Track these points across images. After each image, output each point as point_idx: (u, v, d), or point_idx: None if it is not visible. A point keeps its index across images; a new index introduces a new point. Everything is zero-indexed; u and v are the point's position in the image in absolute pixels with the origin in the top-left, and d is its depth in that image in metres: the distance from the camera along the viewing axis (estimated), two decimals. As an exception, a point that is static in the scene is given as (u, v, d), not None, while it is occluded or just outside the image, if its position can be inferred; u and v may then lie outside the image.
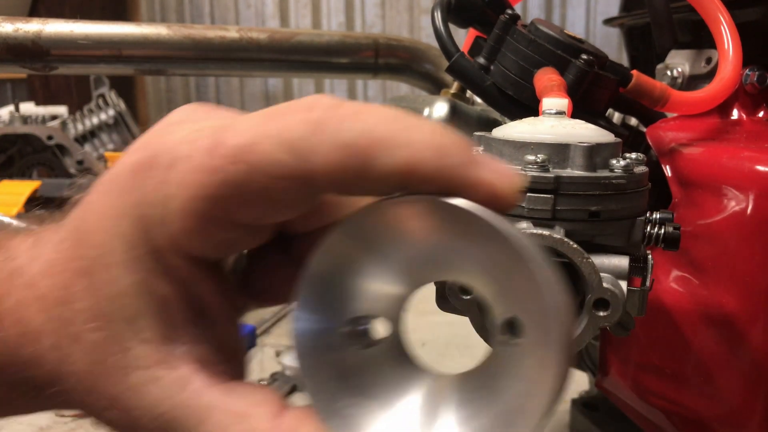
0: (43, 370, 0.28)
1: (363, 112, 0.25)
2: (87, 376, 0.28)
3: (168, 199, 0.26)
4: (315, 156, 0.24)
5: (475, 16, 0.59)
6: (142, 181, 0.27)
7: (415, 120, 0.25)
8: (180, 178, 0.26)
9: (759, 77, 0.57)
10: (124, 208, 0.27)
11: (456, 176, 0.25)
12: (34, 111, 3.08)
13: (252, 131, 0.25)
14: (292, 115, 0.25)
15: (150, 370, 0.27)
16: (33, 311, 0.28)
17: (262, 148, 0.25)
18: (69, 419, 1.05)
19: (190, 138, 0.27)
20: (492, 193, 0.25)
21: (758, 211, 0.48)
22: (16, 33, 0.76)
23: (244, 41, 0.86)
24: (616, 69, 0.53)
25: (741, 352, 0.49)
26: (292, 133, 0.25)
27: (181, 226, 0.26)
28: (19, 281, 0.29)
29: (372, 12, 3.68)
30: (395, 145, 0.24)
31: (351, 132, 0.24)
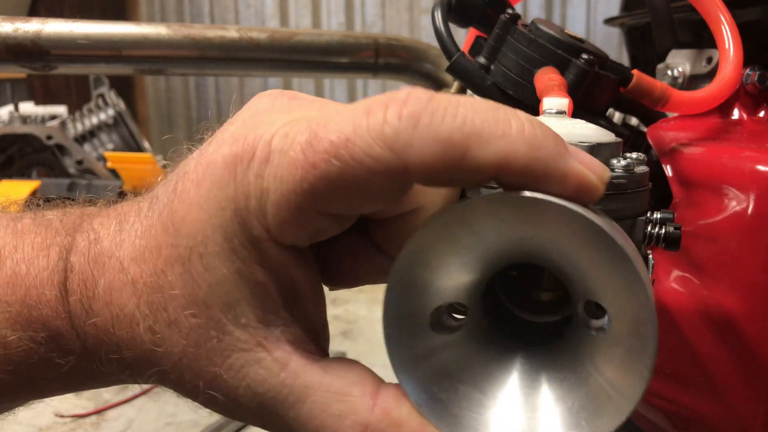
0: (138, 351, 0.29)
1: (457, 104, 0.25)
2: (184, 358, 0.29)
3: (265, 193, 0.27)
4: (411, 150, 0.25)
5: (475, 16, 0.58)
6: (238, 175, 0.28)
7: (508, 111, 0.26)
8: (277, 172, 0.27)
9: (760, 77, 0.57)
10: (220, 200, 0.28)
11: (548, 168, 0.25)
12: (34, 111, 3.08)
13: (348, 126, 0.26)
14: (387, 109, 0.26)
15: (250, 353, 0.29)
16: (126, 296, 0.29)
17: (358, 143, 0.25)
18: (69, 419, 1.05)
19: (285, 131, 0.27)
20: (581, 184, 0.26)
21: (759, 211, 0.48)
22: (16, 33, 0.76)
23: (243, 41, 0.86)
24: (616, 69, 0.53)
25: (742, 352, 0.49)
26: (388, 128, 0.25)
27: (277, 219, 0.27)
28: (108, 265, 0.30)
29: (372, 11, 3.68)
30: (489, 138, 0.25)
31: (446, 126, 0.25)
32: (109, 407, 1.09)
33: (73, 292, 0.29)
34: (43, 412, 1.07)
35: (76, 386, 0.33)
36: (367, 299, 1.79)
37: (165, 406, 1.09)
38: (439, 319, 0.29)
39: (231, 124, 0.30)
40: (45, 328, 0.30)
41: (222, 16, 4.01)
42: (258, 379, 0.29)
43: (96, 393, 1.13)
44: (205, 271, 0.28)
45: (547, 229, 0.26)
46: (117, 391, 1.15)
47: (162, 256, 0.29)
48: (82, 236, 0.31)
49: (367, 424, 0.28)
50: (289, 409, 0.29)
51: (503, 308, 0.33)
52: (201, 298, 0.28)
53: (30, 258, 0.30)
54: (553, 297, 0.33)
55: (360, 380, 0.29)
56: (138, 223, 0.30)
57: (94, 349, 0.30)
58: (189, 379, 0.29)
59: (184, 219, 0.28)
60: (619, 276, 0.25)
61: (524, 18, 0.55)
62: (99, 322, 0.29)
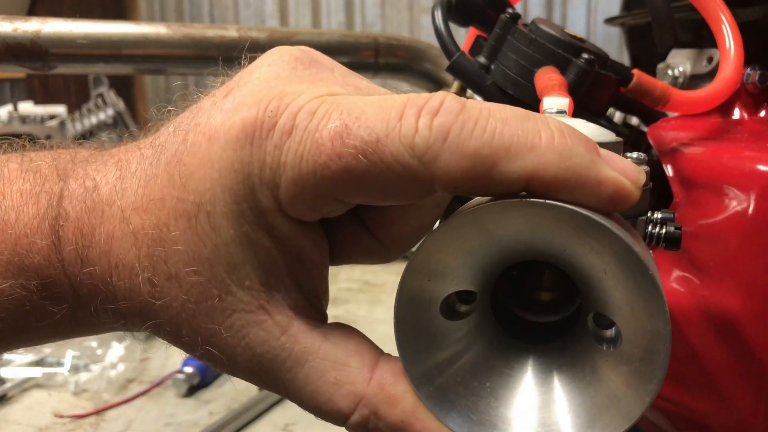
0: (135, 302, 0.29)
1: (488, 116, 0.25)
2: (183, 313, 0.29)
3: (282, 166, 0.27)
4: (438, 162, 0.25)
5: (475, 15, 0.58)
6: (255, 140, 0.27)
7: (539, 121, 0.26)
8: (298, 149, 0.27)
9: (760, 77, 0.57)
10: (234, 162, 0.28)
11: (580, 177, 0.25)
12: (33, 110, 3.07)
13: (381, 127, 0.26)
14: (420, 117, 0.26)
15: (252, 314, 0.29)
16: (126, 246, 0.29)
17: (389, 147, 0.26)
18: (68, 420, 1.05)
19: (312, 108, 0.27)
20: (617, 192, 0.25)
21: (759, 210, 0.48)
22: (15, 32, 0.75)
23: (243, 41, 0.86)
24: (617, 68, 0.53)
25: (743, 352, 0.49)
26: (419, 138, 0.25)
27: (290, 194, 0.27)
28: (107, 214, 0.29)
29: (372, 11, 3.68)
30: (518, 152, 0.25)
31: (475, 141, 0.25)
32: (109, 407, 1.09)
33: (68, 241, 0.29)
34: (42, 412, 1.07)
35: (67, 333, 0.32)
36: (366, 299, 1.79)
37: (165, 407, 1.09)
38: (449, 306, 0.29)
39: (247, 82, 0.29)
40: (37, 276, 0.29)
41: (221, 16, 4.01)
42: (258, 340, 0.29)
43: (95, 393, 1.13)
44: (212, 231, 0.28)
45: (567, 238, 0.25)
46: (117, 391, 1.14)
47: (166, 208, 0.28)
48: (76, 182, 0.30)
49: (363, 395, 0.29)
50: (287, 371, 0.29)
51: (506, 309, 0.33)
52: (205, 257, 0.28)
53: (19, 205, 0.29)
54: (553, 297, 0.32)
55: (359, 350, 0.30)
56: (141, 171, 0.29)
57: (88, 298, 0.30)
58: (186, 334, 0.29)
59: (193, 174, 0.28)
60: (641, 300, 0.25)
61: (524, 18, 0.55)
62: (95, 272, 0.29)
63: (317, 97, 0.28)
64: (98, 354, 1.21)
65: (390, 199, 0.28)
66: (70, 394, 1.14)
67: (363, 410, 0.29)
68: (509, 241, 0.27)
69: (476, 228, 0.26)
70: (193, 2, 4.07)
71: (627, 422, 0.26)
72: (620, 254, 0.24)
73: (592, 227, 0.24)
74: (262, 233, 0.28)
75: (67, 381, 1.15)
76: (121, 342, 1.26)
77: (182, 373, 1.14)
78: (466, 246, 0.27)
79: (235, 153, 0.27)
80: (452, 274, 0.28)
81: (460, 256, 0.27)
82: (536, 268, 0.32)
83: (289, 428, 1.04)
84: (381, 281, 1.76)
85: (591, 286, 0.27)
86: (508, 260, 0.28)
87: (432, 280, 0.28)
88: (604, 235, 0.24)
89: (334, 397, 0.29)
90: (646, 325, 0.25)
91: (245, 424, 1.05)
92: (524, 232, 0.26)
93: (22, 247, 0.29)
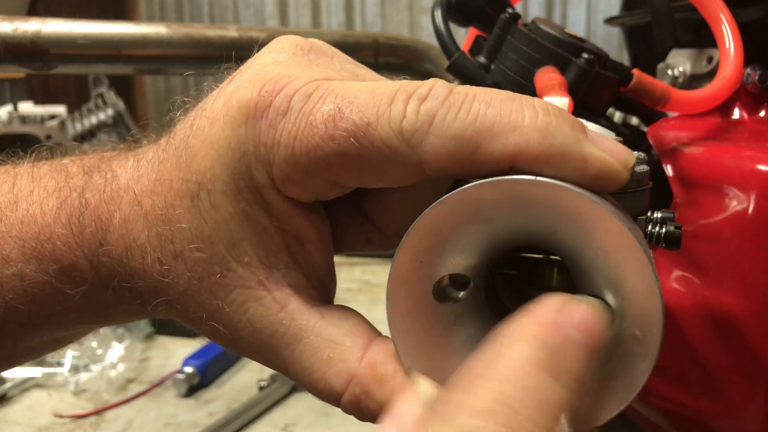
0: (148, 282, 0.31)
1: (472, 99, 0.26)
2: (189, 290, 0.30)
3: (276, 145, 0.28)
4: (424, 146, 0.26)
5: (475, 15, 0.58)
6: (250, 120, 0.28)
7: (524, 101, 0.26)
8: (292, 130, 0.28)
9: (760, 76, 0.57)
10: (231, 141, 0.29)
11: (564, 154, 0.25)
12: (33, 110, 3.07)
13: (372, 111, 0.27)
14: (409, 102, 0.27)
15: (251, 290, 0.30)
16: (139, 227, 0.30)
17: (379, 131, 0.26)
18: (68, 420, 1.05)
19: (307, 91, 0.28)
20: (602, 170, 0.26)
21: (760, 210, 0.48)
22: (15, 32, 0.75)
23: (243, 40, 0.86)
24: (617, 68, 0.53)
25: (742, 352, 0.49)
26: (407, 122, 0.26)
27: (283, 173, 0.28)
28: (125, 199, 0.31)
29: (372, 11, 3.68)
30: (500, 131, 0.25)
31: (458, 123, 0.26)
32: (109, 408, 1.09)
33: (88, 227, 0.31)
34: (42, 412, 1.07)
35: (92, 318, 0.34)
36: (366, 299, 1.79)
37: (164, 407, 1.09)
38: (442, 290, 0.29)
39: (248, 68, 0.31)
40: (56, 261, 0.31)
41: (221, 16, 4.01)
42: (257, 316, 0.30)
43: (95, 393, 1.13)
44: (212, 208, 0.29)
45: (557, 217, 0.25)
46: (116, 391, 1.15)
47: (173, 189, 0.30)
48: (100, 175, 0.32)
49: (354, 374, 0.29)
50: (285, 348, 0.30)
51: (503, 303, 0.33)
52: (207, 234, 0.29)
53: (43, 200, 0.32)
54: None
55: (354, 330, 0.30)
56: (155, 158, 0.31)
57: (108, 277, 0.31)
58: (193, 310, 0.31)
59: (196, 155, 0.29)
60: (633, 279, 0.25)
61: (524, 17, 0.55)
62: (113, 253, 0.31)
63: (313, 80, 0.28)
64: (98, 354, 1.21)
65: (381, 182, 0.28)
66: (70, 394, 1.13)
67: (354, 389, 0.29)
68: (501, 222, 0.27)
69: (466, 207, 0.26)
70: (193, 2, 4.07)
71: (621, 403, 0.26)
72: (610, 232, 0.24)
73: (582, 205, 0.24)
74: (260, 210, 0.29)
75: (67, 381, 1.15)
76: (121, 342, 1.26)
77: (182, 373, 1.14)
78: (457, 227, 0.27)
79: (232, 132, 0.29)
80: (444, 256, 0.28)
81: (452, 238, 0.27)
82: (535, 268, 0.32)
83: (289, 428, 1.04)
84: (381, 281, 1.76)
85: (583, 268, 0.27)
86: (501, 244, 0.28)
87: (424, 261, 0.28)
88: (593, 212, 0.24)
89: (327, 375, 0.29)
90: (639, 303, 0.25)
91: (245, 424, 1.05)
92: (515, 213, 0.26)
93: (43, 235, 0.31)
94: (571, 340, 0.23)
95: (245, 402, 1.07)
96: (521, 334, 0.23)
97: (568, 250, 0.27)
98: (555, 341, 0.22)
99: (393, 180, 0.28)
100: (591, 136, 0.26)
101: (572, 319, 0.23)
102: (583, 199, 0.24)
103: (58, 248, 0.31)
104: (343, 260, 1.85)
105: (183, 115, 0.32)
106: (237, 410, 1.04)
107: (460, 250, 0.28)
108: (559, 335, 0.22)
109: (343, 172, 0.28)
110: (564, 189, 0.24)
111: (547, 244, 0.27)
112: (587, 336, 0.23)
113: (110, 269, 0.31)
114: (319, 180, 0.28)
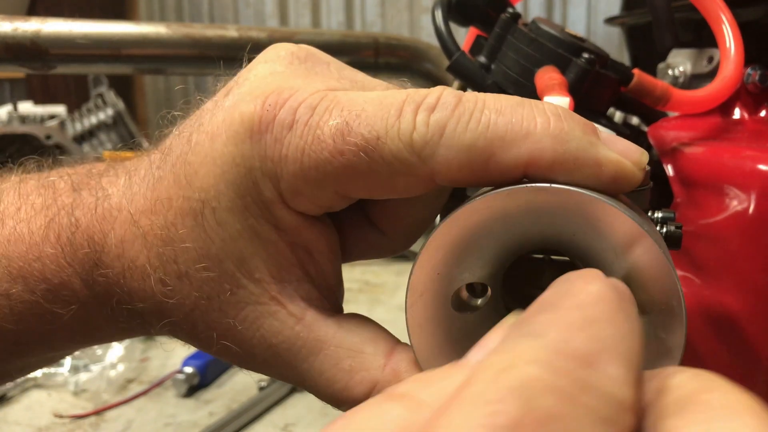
0: (149, 303, 0.30)
1: (482, 108, 0.26)
2: (196, 310, 0.29)
3: (283, 159, 0.27)
4: (436, 157, 0.26)
5: (475, 15, 0.58)
6: (254, 134, 0.28)
7: (534, 107, 0.26)
8: (299, 144, 0.27)
9: (761, 76, 0.57)
10: (235, 156, 0.28)
11: (578, 159, 0.25)
12: (33, 110, 3.07)
13: (380, 125, 0.26)
14: (417, 114, 0.26)
15: (264, 306, 0.29)
16: (137, 248, 0.29)
17: (389, 145, 0.26)
18: (68, 420, 1.05)
19: (312, 103, 0.27)
20: (618, 172, 0.25)
21: (760, 210, 0.48)
22: (15, 32, 0.75)
23: (243, 40, 0.86)
24: (617, 68, 0.53)
25: (743, 352, 0.49)
26: (417, 135, 0.26)
27: (292, 187, 0.28)
28: (118, 219, 0.30)
29: (372, 11, 3.68)
30: (513, 140, 0.25)
31: (470, 133, 0.25)
32: (108, 408, 1.09)
33: (80, 246, 0.30)
34: (42, 412, 1.06)
35: (83, 338, 0.33)
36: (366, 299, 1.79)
37: (164, 407, 1.09)
38: (460, 299, 0.29)
39: (246, 79, 0.30)
40: (44, 281, 0.30)
41: (221, 16, 4.01)
42: (272, 331, 0.29)
43: (95, 393, 1.13)
44: (218, 226, 0.28)
45: (575, 222, 0.25)
46: (116, 391, 1.14)
47: (173, 208, 0.29)
48: (89, 192, 0.31)
49: (377, 381, 0.29)
50: (303, 361, 0.29)
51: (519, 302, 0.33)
52: (214, 253, 0.28)
53: (30, 218, 0.31)
54: None
55: (374, 338, 0.30)
56: (149, 176, 0.30)
57: (105, 297, 0.30)
58: (202, 330, 0.30)
59: (197, 172, 0.28)
60: (653, 284, 0.24)
61: (525, 17, 0.55)
62: (110, 274, 0.30)
63: (316, 92, 0.28)
64: (98, 354, 1.21)
65: (391, 194, 0.28)
66: (70, 394, 1.13)
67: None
68: (517, 229, 0.26)
69: (482, 217, 0.26)
70: (193, 2, 4.07)
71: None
72: (629, 236, 0.24)
73: (599, 209, 0.24)
74: (268, 226, 0.29)
75: (67, 381, 1.15)
76: (121, 342, 1.26)
77: (182, 374, 1.14)
78: (472, 237, 0.27)
79: (236, 147, 0.28)
80: (462, 266, 0.28)
81: (468, 248, 0.27)
82: (536, 268, 0.32)
83: (289, 428, 1.04)
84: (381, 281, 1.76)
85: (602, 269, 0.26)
86: (518, 250, 0.28)
87: (441, 273, 0.27)
88: (611, 217, 0.24)
89: (349, 384, 0.29)
90: (659, 301, 0.25)
91: (245, 424, 1.05)
92: (531, 220, 0.26)
93: (32, 254, 0.30)
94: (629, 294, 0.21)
95: (245, 402, 1.07)
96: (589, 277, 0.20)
97: (587, 254, 0.26)
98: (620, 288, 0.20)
99: (403, 192, 0.28)
100: (603, 138, 0.26)
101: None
102: (599, 204, 0.24)
103: (48, 267, 0.30)
104: (343, 260, 1.84)
105: (175, 129, 0.31)
106: (237, 410, 1.04)
107: (477, 259, 0.28)
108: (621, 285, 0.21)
109: (353, 186, 0.28)
110: (579, 194, 0.24)
111: (566, 248, 0.27)
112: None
113: (107, 288, 0.30)
114: (328, 193, 0.28)
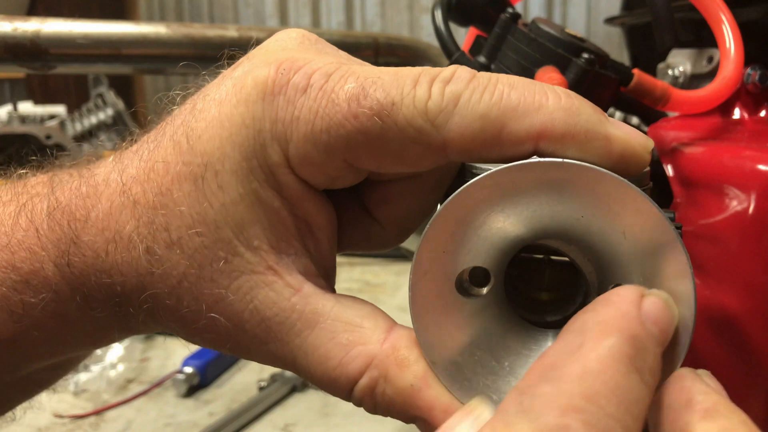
0: (132, 276, 0.29)
1: (495, 82, 0.26)
2: (185, 281, 0.28)
3: (295, 121, 0.27)
4: (450, 125, 0.26)
5: (475, 15, 0.58)
6: (267, 96, 0.27)
7: (546, 85, 0.26)
8: (313, 106, 0.27)
9: (761, 76, 0.57)
10: (245, 118, 0.27)
11: (588, 133, 0.25)
12: (33, 110, 3.07)
13: (396, 91, 0.26)
14: (433, 84, 0.26)
15: (260, 276, 0.28)
16: (125, 218, 0.28)
17: (404, 110, 0.26)
18: (68, 420, 1.05)
19: (327, 71, 0.27)
20: (626, 150, 0.25)
21: (760, 210, 0.48)
22: (15, 32, 0.75)
23: (243, 40, 0.86)
24: (617, 68, 0.53)
25: (743, 352, 0.49)
26: (432, 103, 0.26)
27: (301, 150, 0.27)
28: (106, 192, 0.29)
29: (372, 11, 3.68)
30: (526, 111, 0.25)
31: (484, 104, 0.26)
32: (108, 408, 1.09)
33: (58, 223, 0.29)
34: (42, 413, 1.06)
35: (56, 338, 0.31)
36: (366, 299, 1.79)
37: (164, 407, 1.09)
38: (464, 283, 0.29)
39: (255, 55, 0.30)
40: (14, 270, 0.29)
41: (221, 16, 4.00)
42: (267, 302, 0.28)
43: (95, 393, 1.13)
44: (219, 190, 0.28)
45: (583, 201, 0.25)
46: (116, 391, 1.14)
47: (170, 173, 0.28)
48: (73, 177, 0.30)
49: (374, 356, 0.28)
50: (296, 335, 0.28)
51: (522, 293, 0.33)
52: (211, 218, 0.28)
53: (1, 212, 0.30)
54: (553, 297, 0.32)
55: (373, 315, 0.29)
56: (144, 148, 0.30)
57: (78, 280, 0.29)
58: (188, 303, 0.29)
59: (201, 136, 0.28)
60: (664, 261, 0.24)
61: (525, 17, 0.55)
62: (88, 250, 0.29)
63: (330, 63, 0.28)
64: (98, 354, 1.21)
65: (400, 165, 0.28)
66: (70, 394, 1.13)
67: (373, 372, 0.28)
68: (524, 210, 0.26)
69: (491, 193, 0.26)
70: (193, 2, 4.07)
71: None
72: (640, 213, 0.24)
73: (610, 185, 0.24)
74: (272, 192, 0.28)
75: (67, 381, 1.15)
76: (121, 342, 1.26)
77: (182, 374, 1.14)
78: (481, 214, 0.26)
79: (247, 109, 0.27)
80: (468, 245, 0.27)
81: (475, 225, 0.27)
82: (536, 268, 0.32)
83: (289, 428, 1.04)
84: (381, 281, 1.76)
85: (609, 254, 0.26)
86: (522, 237, 0.28)
87: (447, 250, 0.27)
88: (622, 192, 0.24)
89: (345, 359, 0.28)
90: (670, 287, 0.24)
91: (245, 424, 1.05)
92: (540, 198, 0.26)
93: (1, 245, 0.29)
94: (651, 335, 0.22)
95: (245, 402, 1.07)
96: (606, 327, 0.21)
97: (593, 236, 0.26)
98: (640, 336, 0.21)
99: (413, 163, 0.27)
100: (611, 120, 0.26)
101: (652, 314, 0.22)
102: (611, 178, 0.24)
103: (17, 255, 0.29)
104: (343, 260, 1.85)
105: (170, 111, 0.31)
106: (237, 410, 1.04)
107: (483, 239, 0.27)
108: (643, 330, 0.21)
109: (363, 153, 0.27)
110: (591, 170, 0.24)
111: (571, 232, 0.27)
112: (661, 331, 0.22)
113: (81, 270, 0.29)
114: (337, 161, 0.28)
